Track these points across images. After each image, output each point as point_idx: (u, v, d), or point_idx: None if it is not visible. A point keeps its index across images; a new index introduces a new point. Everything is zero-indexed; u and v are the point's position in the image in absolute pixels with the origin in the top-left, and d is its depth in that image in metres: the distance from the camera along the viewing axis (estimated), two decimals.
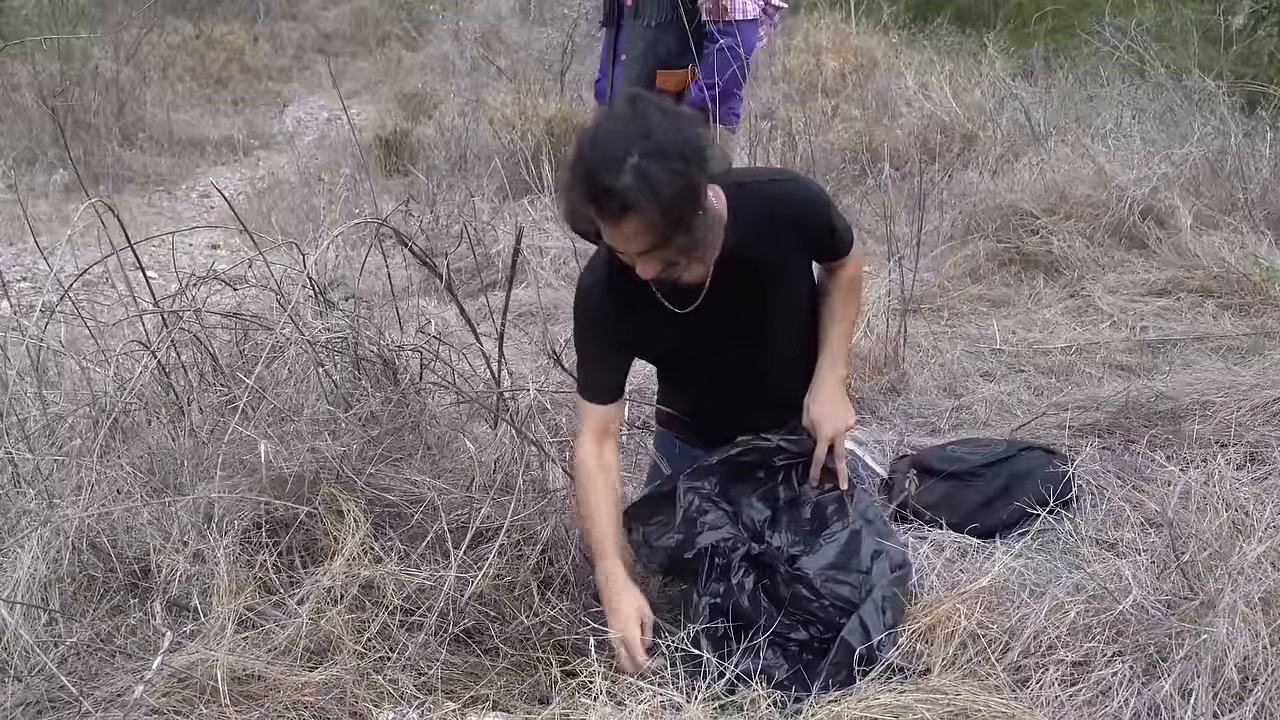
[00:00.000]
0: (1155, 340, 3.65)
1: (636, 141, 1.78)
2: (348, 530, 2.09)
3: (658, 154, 1.78)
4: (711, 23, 3.06)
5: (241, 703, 1.82)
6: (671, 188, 1.78)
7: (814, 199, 2.16)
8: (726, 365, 2.23)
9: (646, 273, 1.93)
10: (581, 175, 1.81)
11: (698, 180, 1.84)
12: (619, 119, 1.84)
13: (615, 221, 1.82)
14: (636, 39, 3.13)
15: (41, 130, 7.03)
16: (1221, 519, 2.05)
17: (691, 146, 1.83)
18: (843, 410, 2.22)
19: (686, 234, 1.87)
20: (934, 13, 8.22)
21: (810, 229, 2.15)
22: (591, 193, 1.80)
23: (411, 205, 4.86)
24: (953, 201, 5.01)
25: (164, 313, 2.40)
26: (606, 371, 2.20)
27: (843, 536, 2.08)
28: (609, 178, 1.77)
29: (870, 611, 1.95)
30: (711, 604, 2.02)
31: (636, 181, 1.76)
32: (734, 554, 2.07)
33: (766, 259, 2.11)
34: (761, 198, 2.09)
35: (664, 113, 1.85)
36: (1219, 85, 5.24)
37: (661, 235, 1.84)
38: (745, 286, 2.12)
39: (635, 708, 1.77)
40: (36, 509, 2.12)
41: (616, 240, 1.89)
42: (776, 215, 2.10)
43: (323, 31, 12.42)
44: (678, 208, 1.81)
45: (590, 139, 1.84)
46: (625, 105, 1.87)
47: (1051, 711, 1.77)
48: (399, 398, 2.41)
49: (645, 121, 1.81)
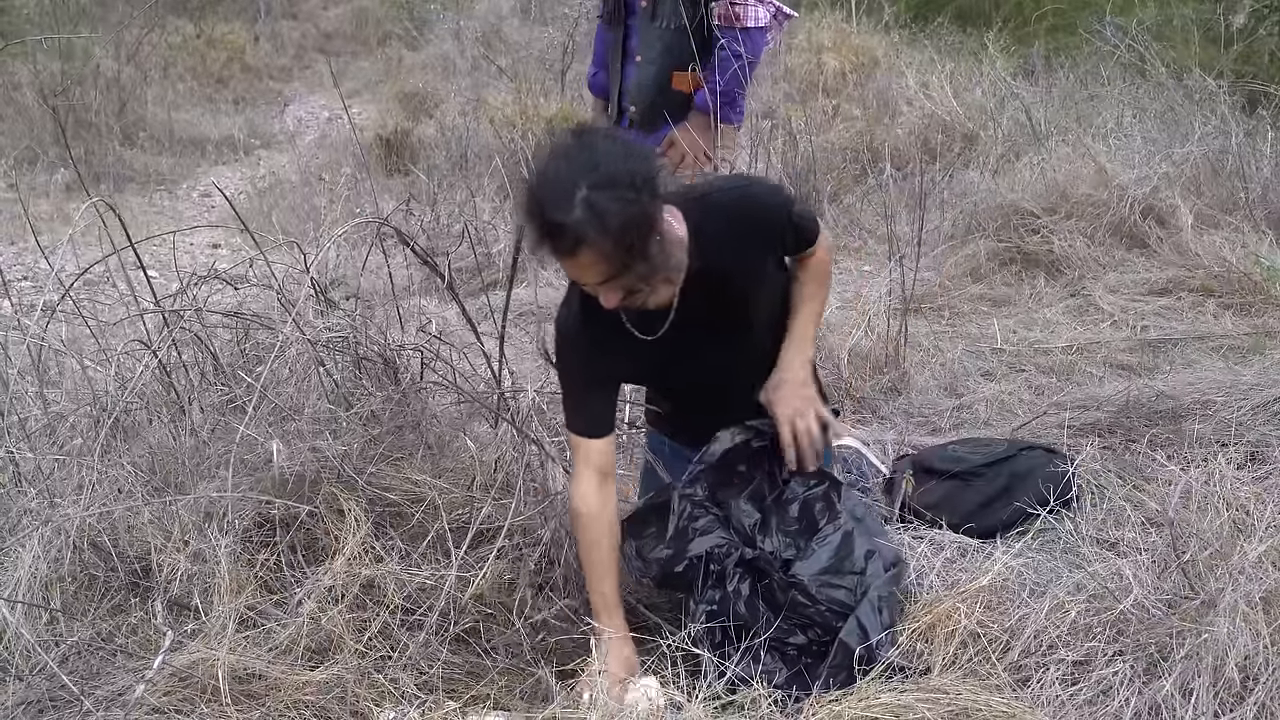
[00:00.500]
0: (1156, 340, 3.65)
1: (584, 174, 1.78)
2: (348, 530, 2.09)
3: (607, 184, 1.78)
4: (722, 29, 3.08)
5: (242, 702, 1.82)
6: (622, 216, 1.78)
7: (768, 199, 2.15)
8: (702, 373, 2.23)
9: (609, 302, 1.93)
10: (533, 213, 1.81)
11: (649, 207, 1.83)
12: (566, 153, 1.84)
13: (570, 255, 1.82)
14: (654, 41, 3.15)
15: (42, 129, 7.02)
16: (1222, 518, 2.05)
17: (641, 174, 1.82)
18: (802, 392, 2.18)
19: (643, 260, 1.86)
20: (934, 12, 8.21)
21: (770, 229, 2.14)
22: (544, 230, 1.80)
23: (412, 205, 4.86)
24: (953, 201, 5.00)
25: (165, 312, 2.40)
26: (595, 405, 2.17)
27: (835, 539, 2.07)
28: (559, 214, 1.77)
29: (867, 612, 1.95)
30: (709, 610, 2.02)
31: (586, 214, 1.76)
32: (728, 560, 2.06)
33: (733, 269, 2.09)
34: (718, 209, 2.09)
35: (611, 141, 1.86)
36: (1220, 84, 5.25)
37: (618, 264, 1.84)
38: (715, 300, 2.11)
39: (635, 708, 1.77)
40: (38, 508, 2.12)
41: (574, 273, 1.90)
42: (735, 224, 2.09)
43: (323, 31, 12.40)
44: (630, 235, 1.81)
45: (539, 176, 1.84)
46: (572, 139, 1.87)
47: (1052, 711, 1.77)
48: (399, 397, 2.41)
49: (593, 153, 1.81)
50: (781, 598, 2.00)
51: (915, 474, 2.55)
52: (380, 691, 1.91)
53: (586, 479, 2.11)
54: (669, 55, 3.13)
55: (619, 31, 3.25)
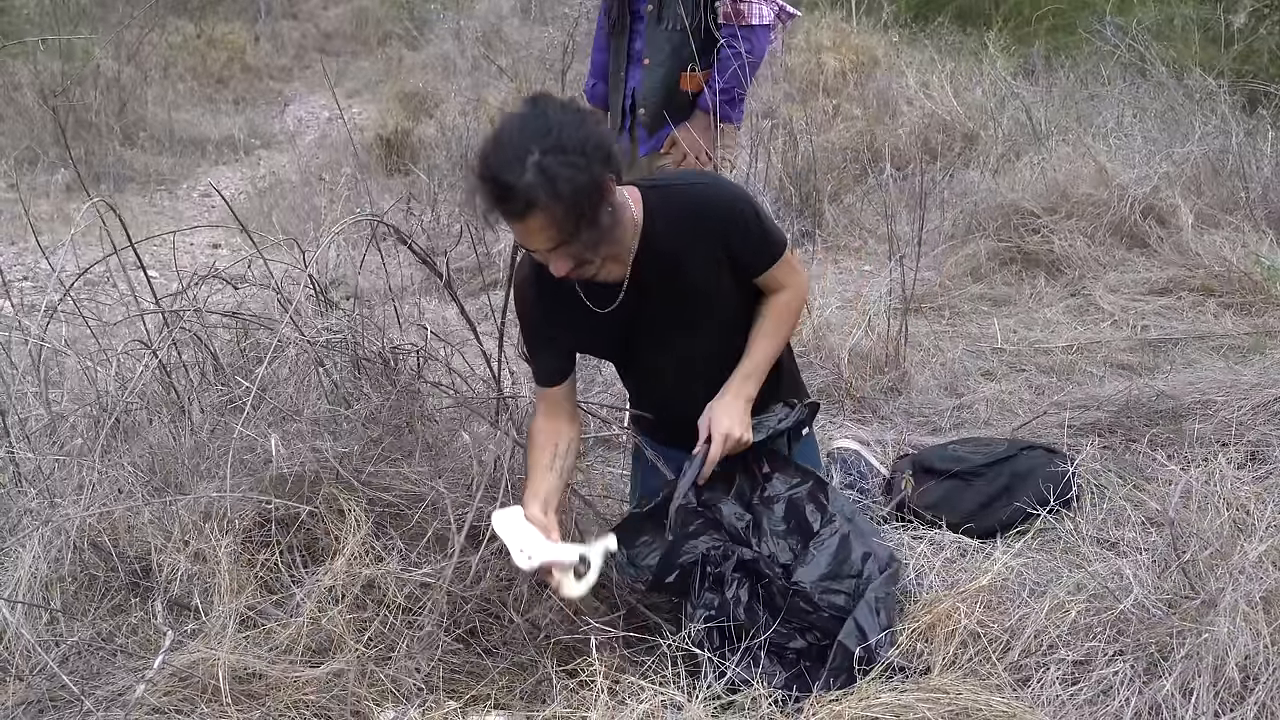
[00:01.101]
0: (1156, 339, 3.65)
1: (537, 139, 1.79)
2: (348, 530, 2.09)
3: (558, 149, 1.79)
4: (727, 26, 3.10)
5: (243, 702, 1.82)
6: (573, 183, 1.79)
7: (737, 200, 2.13)
8: (660, 357, 2.24)
9: (559, 270, 1.95)
10: (484, 176, 1.82)
11: (600, 175, 1.85)
12: (519, 119, 1.85)
13: (520, 219, 1.84)
14: (661, 43, 3.17)
15: (43, 130, 7.02)
16: (1223, 518, 2.05)
17: (593, 143, 1.84)
18: (738, 419, 2.14)
19: (592, 228, 1.88)
20: (934, 12, 8.21)
21: (734, 229, 2.10)
22: (495, 192, 1.82)
23: (412, 204, 4.86)
24: (954, 201, 5.01)
25: (165, 312, 2.40)
26: (548, 359, 2.23)
27: (833, 543, 2.07)
28: (510, 176, 1.79)
29: (864, 613, 1.95)
30: (707, 615, 2.01)
31: (538, 178, 1.78)
32: (726, 563, 2.05)
33: (685, 258, 2.09)
34: (682, 199, 2.09)
35: (565, 110, 1.86)
36: (1220, 84, 5.25)
37: (567, 231, 1.85)
38: (666, 286, 2.11)
39: (636, 707, 1.77)
40: (38, 508, 2.12)
41: (524, 238, 1.92)
42: (701, 216, 2.08)
43: (324, 31, 12.41)
44: (581, 203, 1.82)
45: (492, 141, 1.85)
46: (527, 105, 1.88)
47: (1053, 711, 1.76)
48: (398, 397, 2.41)
49: (546, 119, 1.82)
50: (781, 602, 2.00)
51: (915, 474, 2.55)
52: (380, 691, 1.91)
53: (540, 413, 2.23)
54: (677, 57, 3.15)
55: (623, 39, 3.26)
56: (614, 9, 3.27)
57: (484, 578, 2.09)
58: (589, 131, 1.84)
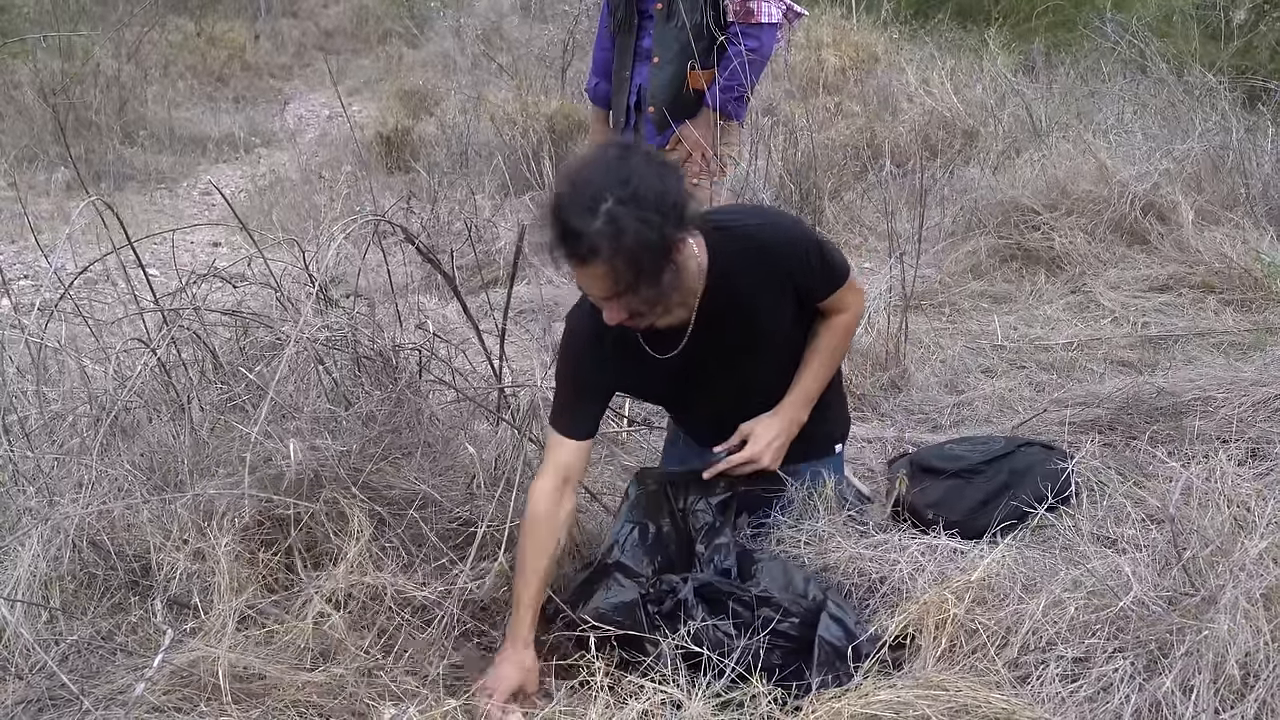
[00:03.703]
0: (1157, 336, 3.64)
1: (614, 187, 1.78)
2: (349, 529, 2.09)
3: (633, 202, 1.77)
4: (737, 25, 3.10)
5: (243, 701, 1.82)
6: (640, 238, 1.78)
7: (797, 238, 2.12)
8: (711, 400, 2.24)
9: (611, 318, 1.93)
10: (556, 214, 1.81)
11: (670, 235, 1.83)
12: (602, 162, 1.84)
13: (582, 264, 1.82)
14: (670, 41, 3.17)
15: (43, 128, 7.02)
16: (1223, 515, 2.04)
17: (670, 200, 1.82)
18: (777, 444, 2.17)
19: (651, 286, 1.86)
20: (935, 8, 8.21)
21: (798, 266, 2.10)
22: (562, 233, 1.80)
23: (413, 202, 4.86)
24: (954, 198, 5.00)
25: (164, 310, 2.40)
26: (582, 408, 2.16)
27: (774, 567, 2.08)
28: (579, 221, 1.77)
29: (834, 607, 1.95)
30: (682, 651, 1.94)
31: (606, 228, 1.76)
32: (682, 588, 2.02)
33: (752, 301, 2.08)
34: (745, 240, 2.07)
35: (650, 162, 1.85)
36: (1220, 80, 5.24)
37: (624, 284, 1.84)
38: (730, 327, 2.11)
39: (636, 706, 1.76)
40: (37, 507, 2.12)
41: (583, 282, 1.90)
42: (764, 258, 2.07)
43: (324, 29, 12.40)
44: (644, 259, 1.81)
45: (570, 179, 1.84)
46: (613, 150, 1.87)
47: (1052, 708, 1.76)
48: (399, 395, 2.41)
49: (628, 167, 1.81)
50: (747, 614, 1.98)
51: (913, 473, 2.54)
52: (380, 690, 1.90)
53: (548, 477, 2.10)
54: (685, 54, 3.16)
55: (629, 37, 3.26)
56: (620, 7, 3.28)
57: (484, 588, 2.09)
58: (668, 187, 1.82)
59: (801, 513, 2.28)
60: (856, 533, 2.26)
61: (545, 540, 2.06)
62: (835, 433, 2.41)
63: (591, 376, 2.15)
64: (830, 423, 2.34)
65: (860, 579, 2.15)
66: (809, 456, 2.29)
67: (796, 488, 2.28)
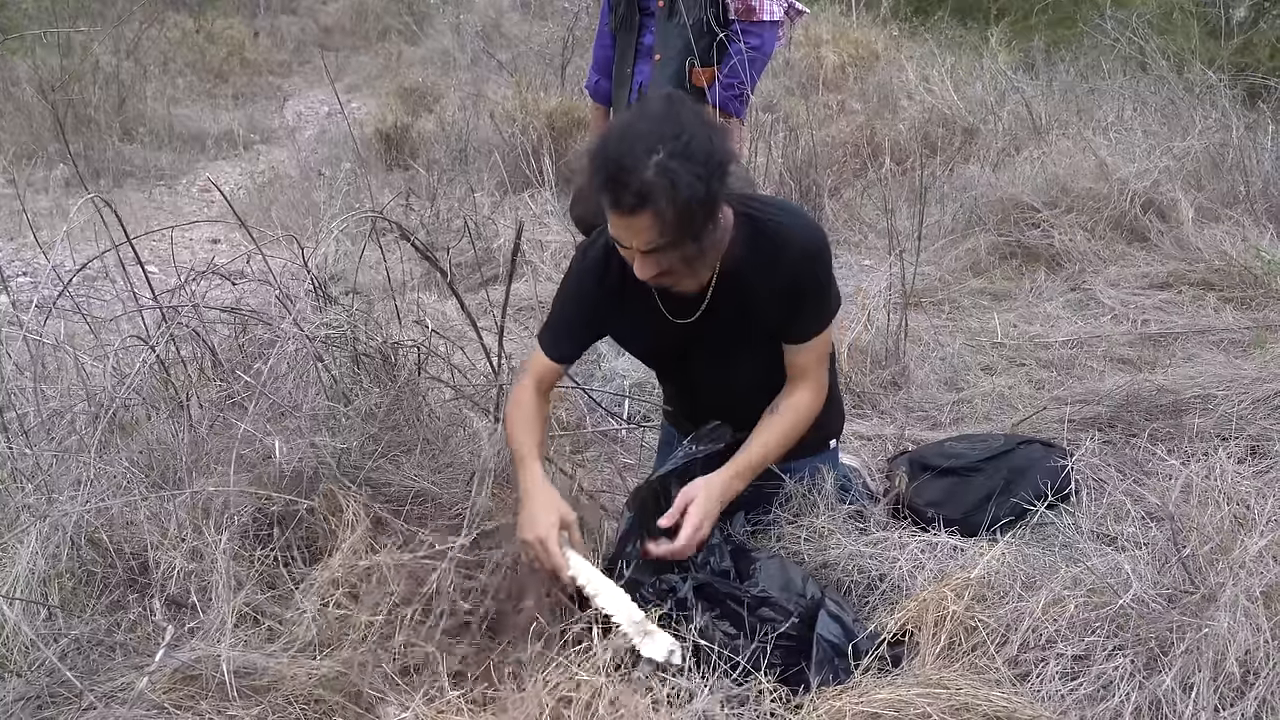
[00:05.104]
0: (1156, 334, 3.64)
1: (667, 140, 1.76)
2: (348, 526, 2.08)
3: (685, 155, 1.76)
4: (739, 22, 3.10)
5: (244, 697, 1.82)
6: (691, 191, 1.76)
7: (815, 242, 2.08)
8: (707, 380, 2.23)
9: (643, 273, 1.92)
10: (603, 161, 1.79)
11: (717, 192, 1.82)
12: (653, 115, 1.81)
13: (629, 213, 1.80)
14: (673, 38, 3.17)
15: (41, 125, 7.00)
16: (1223, 513, 2.04)
17: (718, 158, 1.80)
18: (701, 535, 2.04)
19: (695, 241, 1.86)
20: (934, 6, 8.21)
21: (807, 270, 2.07)
22: (611, 180, 1.78)
23: (412, 199, 4.85)
24: (954, 195, 5.00)
25: (163, 307, 2.40)
26: (571, 337, 2.20)
27: (771, 566, 2.07)
28: (632, 168, 1.75)
29: (830, 604, 1.95)
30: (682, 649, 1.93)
31: (660, 178, 1.75)
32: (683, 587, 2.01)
33: (760, 288, 2.07)
34: (768, 230, 2.05)
35: (699, 119, 1.83)
36: (1220, 78, 5.24)
37: (671, 237, 1.82)
38: (734, 311, 2.10)
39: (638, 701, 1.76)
40: (35, 504, 2.12)
41: (623, 234, 1.87)
42: (782, 251, 2.05)
43: (323, 26, 12.40)
44: (692, 212, 1.80)
45: (620, 128, 1.82)
46: (662, 103, 1.85)
47: (1052, 706, 1.76)
48: (398, 392, 2.40)
49: (679, 122, 1.79)
50: (750, 618, 1.97)
51: (913, 471, 2.54)
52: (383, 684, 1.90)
53: (526, 386, 2.17)
54: (687, 50, 3.15)
55: (631, 34, 3.26)
56: (621, 4, 3.27)
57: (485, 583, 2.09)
58: (716, 146, 1.81)
59: (800, 509, 2.28)
60: (856, 530, 2.27)
61: (535, 416, 2.12)
62: (829, 432, 2.41)
63: (588, 313, 2.17)
64: (823, 427, 2.33)
65: (860, 576, 2.15)
66: (803, 454, 2.29)
67: (794, 485, 2.27)
